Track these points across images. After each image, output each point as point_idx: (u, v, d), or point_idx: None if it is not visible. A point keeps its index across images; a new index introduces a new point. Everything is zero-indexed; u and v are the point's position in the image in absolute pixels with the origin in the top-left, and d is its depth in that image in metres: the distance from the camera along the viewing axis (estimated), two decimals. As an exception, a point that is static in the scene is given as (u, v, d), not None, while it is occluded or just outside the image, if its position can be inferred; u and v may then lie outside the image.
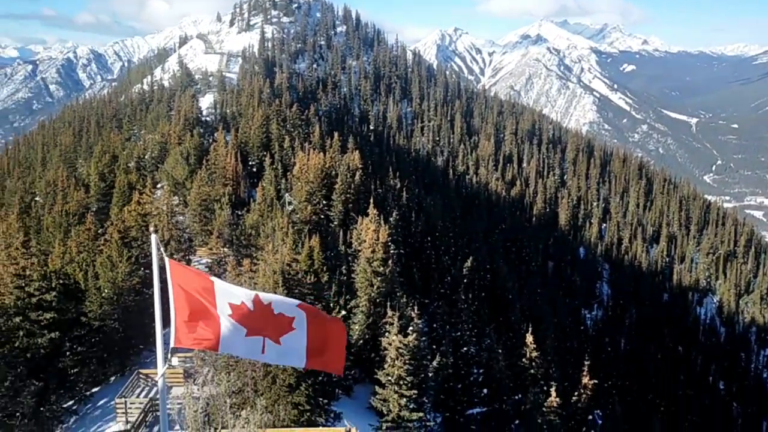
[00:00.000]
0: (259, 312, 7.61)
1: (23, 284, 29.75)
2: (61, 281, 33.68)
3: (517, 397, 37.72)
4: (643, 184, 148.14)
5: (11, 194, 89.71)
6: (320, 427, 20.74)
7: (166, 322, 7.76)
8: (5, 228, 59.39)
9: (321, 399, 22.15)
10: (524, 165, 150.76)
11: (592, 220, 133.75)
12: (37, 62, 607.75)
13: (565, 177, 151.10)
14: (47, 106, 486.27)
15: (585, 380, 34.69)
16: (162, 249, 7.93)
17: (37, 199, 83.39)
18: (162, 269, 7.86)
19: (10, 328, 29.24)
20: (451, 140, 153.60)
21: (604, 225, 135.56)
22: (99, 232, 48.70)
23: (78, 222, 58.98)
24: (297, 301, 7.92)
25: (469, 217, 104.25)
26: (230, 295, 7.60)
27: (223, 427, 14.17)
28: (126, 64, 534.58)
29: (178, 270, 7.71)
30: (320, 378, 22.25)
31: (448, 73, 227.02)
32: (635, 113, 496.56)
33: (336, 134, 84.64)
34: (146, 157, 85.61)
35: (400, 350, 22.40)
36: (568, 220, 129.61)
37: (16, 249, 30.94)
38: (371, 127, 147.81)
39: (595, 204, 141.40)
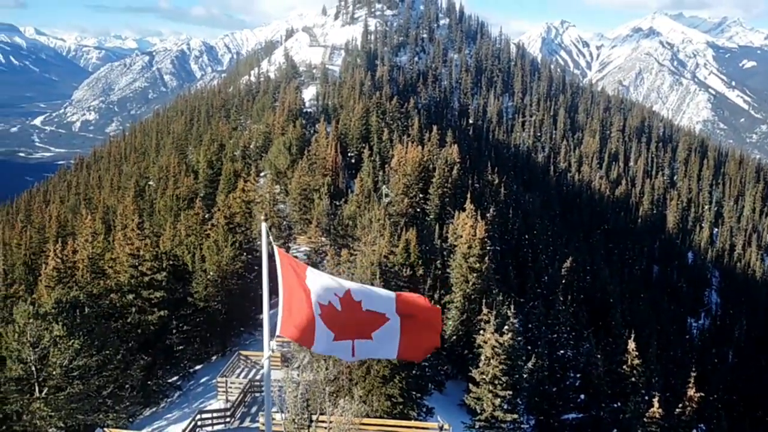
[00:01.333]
0: (348, 311, 7.46)
1: (137, 263, 31.45)
2: (170, 262, 35.35)
3: (615, 405, 36.20)
4: (761, 188, 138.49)
5: (127, 178, 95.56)
6: (413, 421, 20.73)
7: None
8: (122, 209, 63.38)
9: (414, 393, 22.10)
10: (631, 164, 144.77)
11: (702, 224, 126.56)
12: (154, 53, 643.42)
13: (675, 177, 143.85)
14: (161, 95, 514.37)
15: (690, 392, 32.79)
16: (271, 237, 8.04)
17: (150, 183, 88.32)
18: (270, 257, 7.99)
19: (124, 304, 31.03)
20: (554, 136, 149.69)
21: (716, 230, 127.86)
22: (206, 217, 50.82)
23: (187, 206, 61.96)
24: (390, 295, 7.65)
25: (570, 216, 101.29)
26: (320, 294, 7.50)
27: (321, 413, 14.41)
28: (235, 56, 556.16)
29: (286, 260, 7.77)
30: (414, 371, 22.20)
31: (552, 66, 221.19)
32: (754, 112, 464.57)
33: (435, 128, 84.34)
34: (251, 146, 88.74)
35: (496, 349, 21.98)
36: (677, 223, 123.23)
37: (131, 230, 32.78)
38: (470, 121, 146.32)
39: (706, 207, 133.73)
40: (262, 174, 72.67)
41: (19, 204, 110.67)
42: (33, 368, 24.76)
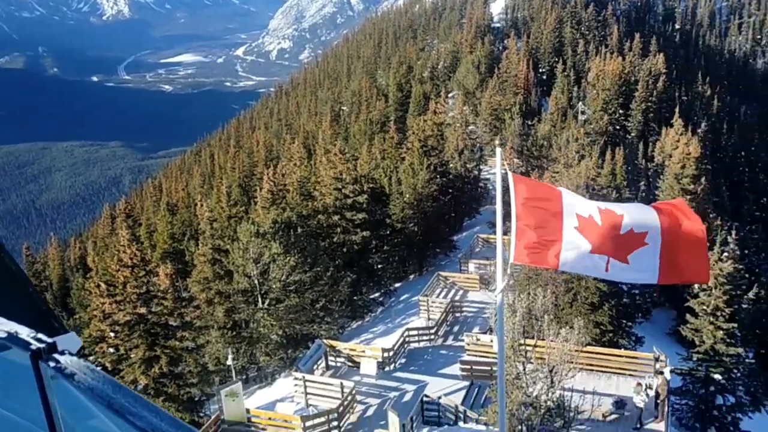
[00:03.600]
0: (608, 227, 7.04)
1: (340, 186, 33.11)
2: (369, 185, 36.75)
3: None
4: None
5: (323, 103, 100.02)
6: (625, 350, 19.96)
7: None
8: (321, 134, 66.70)
9: (623, 321, 21.21)
10: None
11: None
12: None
13: None
14: (349, 19, 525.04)
15: None
16: (505, 162, 7.76)
17: (344, 108, 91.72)
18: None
19: (330, 225, 33.10)
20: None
21: None
22: (400, 140, 51.76)
23: (380, 130, 63.59)
24: (651, 209, 7.08)
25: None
26: (579, 207, 7.16)
27: (540, 339, 14.33)
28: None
29: (522, 184, 7.47)
30: (624, 299, 21.23)
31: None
32: None
33: (636, 36, 77.84)
34: (439, 66, 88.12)
35: (719, 278, 20.20)
36: None
37: (334, 155, 34.31)
38: (677, 27, 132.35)
39: None
40: (450, 95, 72.16)
41: (230, 130, 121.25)
42: (256, 282, 27.47)
